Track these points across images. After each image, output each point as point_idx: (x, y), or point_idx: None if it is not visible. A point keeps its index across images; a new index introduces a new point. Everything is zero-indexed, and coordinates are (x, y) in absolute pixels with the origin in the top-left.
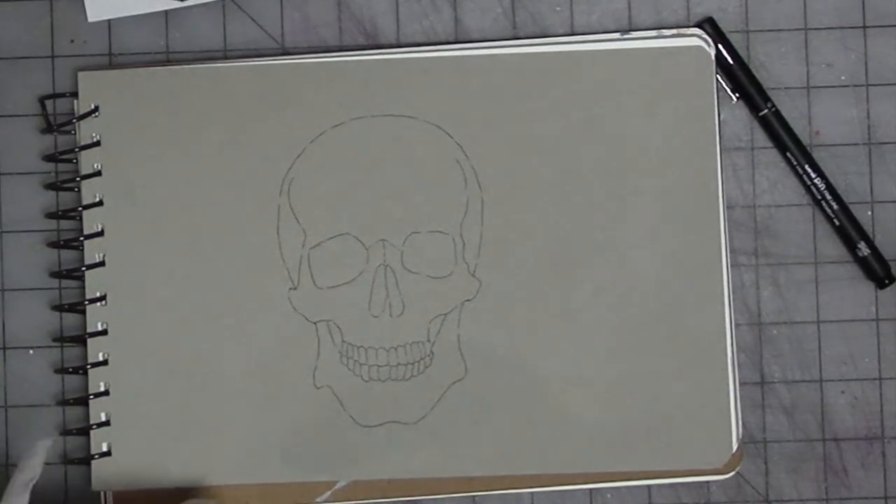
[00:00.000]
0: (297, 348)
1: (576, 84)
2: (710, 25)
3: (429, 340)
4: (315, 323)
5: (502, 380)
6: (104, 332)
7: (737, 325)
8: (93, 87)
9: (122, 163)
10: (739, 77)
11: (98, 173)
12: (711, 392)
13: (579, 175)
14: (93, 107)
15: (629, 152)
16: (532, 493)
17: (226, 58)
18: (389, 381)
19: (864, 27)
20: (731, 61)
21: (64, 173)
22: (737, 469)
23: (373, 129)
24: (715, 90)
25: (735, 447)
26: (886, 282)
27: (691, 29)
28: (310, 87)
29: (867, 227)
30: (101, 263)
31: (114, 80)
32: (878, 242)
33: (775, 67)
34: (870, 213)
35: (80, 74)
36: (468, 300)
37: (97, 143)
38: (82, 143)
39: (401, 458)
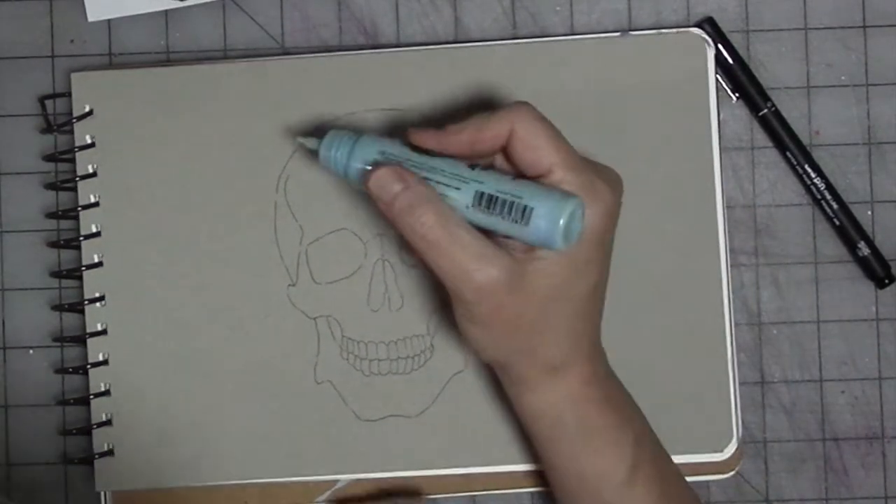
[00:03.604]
0: (298, 344)
1: (574, 83)
2: (709, 25)
3: (428, 333)
4: (315, 319)
5: None
6: (104, 332)
7: (737, 325)
8: (86, 88)
9: (117, 163)
10: (739, 77)
11: (94, 174)
12: (711, 391)
13: None
14: (87, 108)
15: (628, 151)
16: (532, 492)
17: (226, 58)
18: (390, 375)
19: (864, 27)
20: (731, 61)
21: (63, 173)
22: (736, 468)
23: (368, 124)
24: (715, 90)
25: (735, 446)
26: (886, 281)
27: (691, 29)
28: (304, 84)
29: (867, 227)
30: (100, 264)
31: (108, 80)
32: (878, 242)
33: (775, 67)
34: (870, 212)
35: (73, 76)
36: None
37: (92, 145)
38: (77, 145)
39: (402, 451)
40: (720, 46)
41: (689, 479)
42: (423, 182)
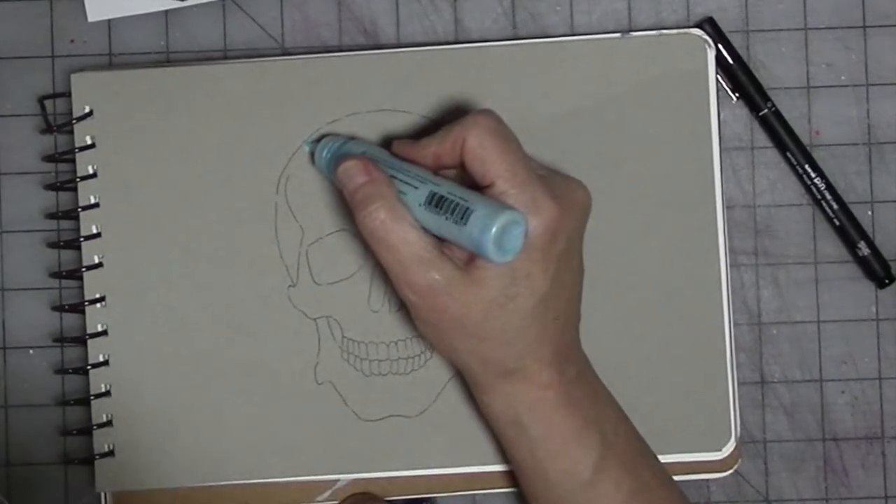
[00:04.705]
0: (298, 345)
1: (574, 83)
2: (710, 25)
3: None
4: (315, 319)
5: None
6: (104, 333)
7: (737, 325)
8: (86, 89)
9: (117, 164)
10: (739, 77)
11: (94, 175)
12: (710, 390)
13: (576, 171)
14: (87, 109)
15: (627, 151)
16: None
17: (226, 58)
18: (391, 376)
19: (864, 27)
20: (731, 61)
21: (64, 174)
22: (734, 467)
23: (368, 125)
24: (715, 90)
25: (733, 445)
26: (886, 281)
27: (691, 29)
28: (304, 85)
29: (867, 227)
30: (100, 265)
31: (107, 81)
32: (878, 242)
33: (775, 67)
34: (870, 213)
35: (73, 76)
36: None
37: (92, 146)
38: (77, 145)
39: (403, 451)
40: (720, 47)
41: (687, 477)
42: (386, 180)
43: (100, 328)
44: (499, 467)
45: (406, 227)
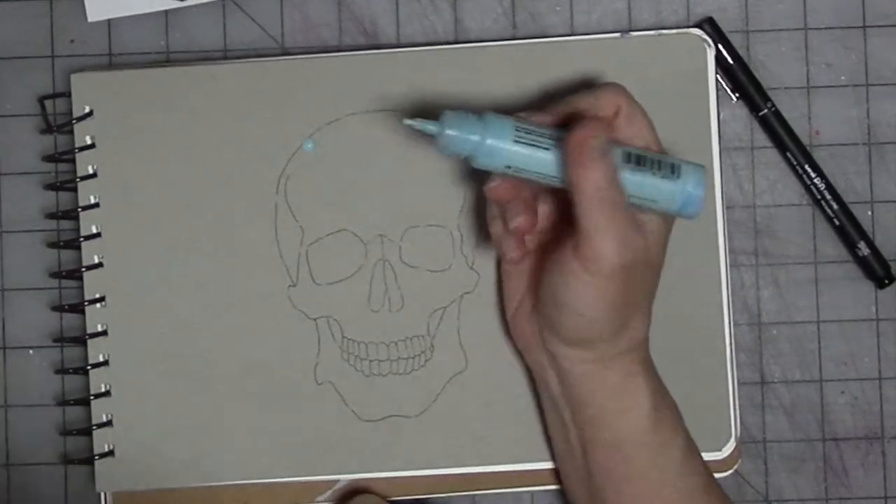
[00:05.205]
0: (298, 345)
1: (574, 82)
2: (710, 25)
3: (429, 334)
4: (315, 319)
5: (503, 371)
6: (104, 333)
7: (737, 325)
8: (86, 89)
9: (117, 164)
10: (739, 77)
11: (94, 175)
12: (710, 390)
13: None
14: (87, 109)
15: None
16: (532, 492)
17: (225, 58)
18: (391, 376)
19: (864, 27)
20: (731, 61)
21: (64, 174)
22: (734, 467)
23: (368, 125)
24: (715, 90)
25: (733, 445)
26: (886, 282)
27: (691, 29)
28: (304, 85)
29: (867, 227)
30: (100, 265)
31: (107, 81)
32: (878, 242)
33: (775, 67)
34: (870, 213)
35: (73, 76)
36: (467, 293)
37: (92, 146)
38: (77, 145)
39: (403, 451)
40: (720, 47)
41: None
42: None
43: (100, 328)
44: (498, 467)
45: (623, 195)
